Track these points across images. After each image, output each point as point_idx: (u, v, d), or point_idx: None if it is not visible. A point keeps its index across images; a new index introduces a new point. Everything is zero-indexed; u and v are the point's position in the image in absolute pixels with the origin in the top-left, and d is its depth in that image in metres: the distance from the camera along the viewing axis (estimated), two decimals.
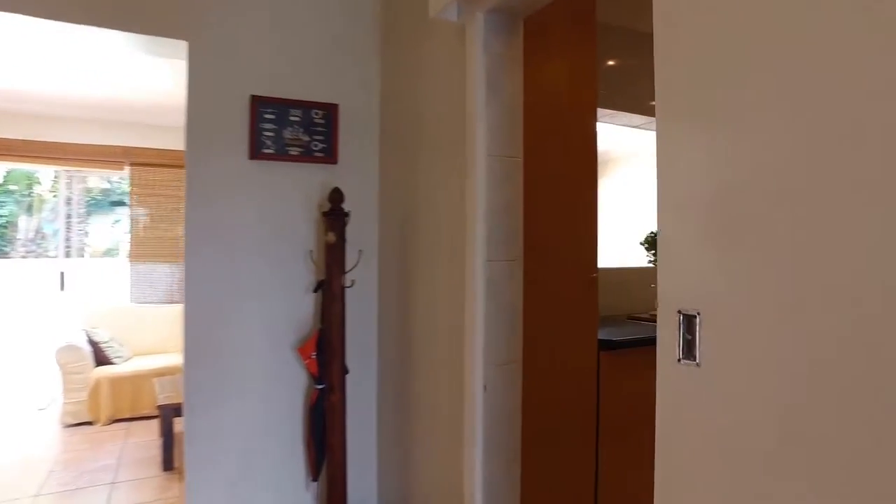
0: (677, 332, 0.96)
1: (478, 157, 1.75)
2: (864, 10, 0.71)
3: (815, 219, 0.77)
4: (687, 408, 0.95)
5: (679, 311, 0.96)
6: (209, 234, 2.26)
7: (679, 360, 0.96)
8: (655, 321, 3.01)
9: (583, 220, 2.25)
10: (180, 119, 2.32)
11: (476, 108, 1.75)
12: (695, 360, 0.93)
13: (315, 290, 2.36)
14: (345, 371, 2.32)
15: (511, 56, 1.80)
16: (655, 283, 3.16)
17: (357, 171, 2.53)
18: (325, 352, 2.30)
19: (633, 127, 3.63)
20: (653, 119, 3.25)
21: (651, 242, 3.64)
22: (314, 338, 2.33)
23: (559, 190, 2.15)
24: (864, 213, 0.71)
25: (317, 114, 2.45)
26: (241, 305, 2.30)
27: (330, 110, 2.47)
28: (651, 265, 3.63)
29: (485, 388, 1.72)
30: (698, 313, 0.93)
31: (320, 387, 2.31)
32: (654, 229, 3.56)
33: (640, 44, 3.25)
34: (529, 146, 1.87)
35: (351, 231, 2.37)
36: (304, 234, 2.43)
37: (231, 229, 2.30)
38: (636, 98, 3.22)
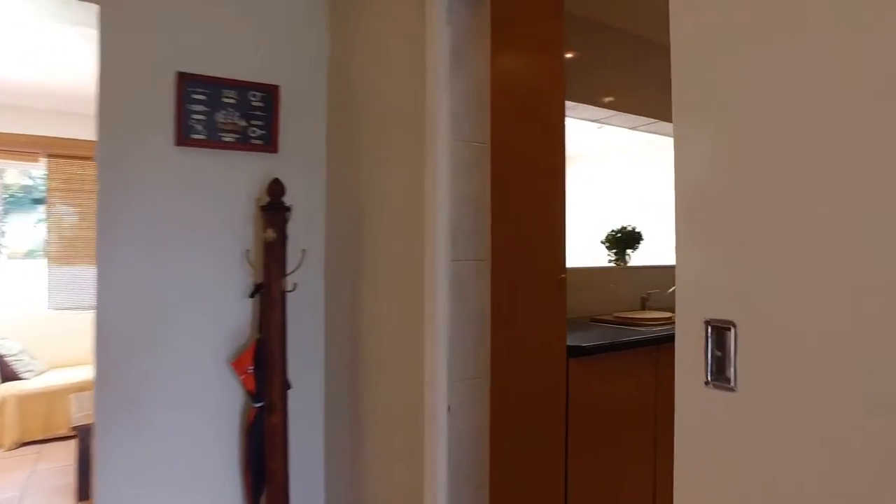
0: (703, 348, 0.76)
1: (439, 141, 1.53)
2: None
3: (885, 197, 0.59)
4: (718, 445, 0.75)
5: (706, 322, 0.76)
6: (126, 231, 1.94)
7: (707, 382, 0.76)
8: (620, 324, 2.87)
9: (550, 217, 2.07)
10: None
11: (438, 85, 1.53)
12: (728, 383, 0.74)
13: (251, 295, 2.07)
14: (286, 386, 2.04)
15: (478, 28, 1.59)
16: (616, 283, 2.99)
17: (301, 160, 2.26)
18: (263, 365, 2.02)
19: (592, 121, 3.49)
20: (612, 113, 3.09)
21: (613, 241, 3.52)
22: (251, 349, 2.05)
23: (525, 183, 1.95)
24: None
25: (254, 96, 2.17)
26: (165, 313, 1.99)
27: (270, 92, 2.19)
28: (612, 265, 3.51)
29: (449, 408, 1.50)
30: (733, 324, 0.73)
31: (258, 405, 2.03)
32: (615, 227, 3.45)
33: (594, 33, 3.14)
34: (494, 135, 1.67)
35: (293, 228, 2.10)
36: (240, 231, 2.13)
37: (153, 226, 1.98)
38: (591, 90, 3.08)
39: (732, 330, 0.73)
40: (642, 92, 3.34)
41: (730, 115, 0.76)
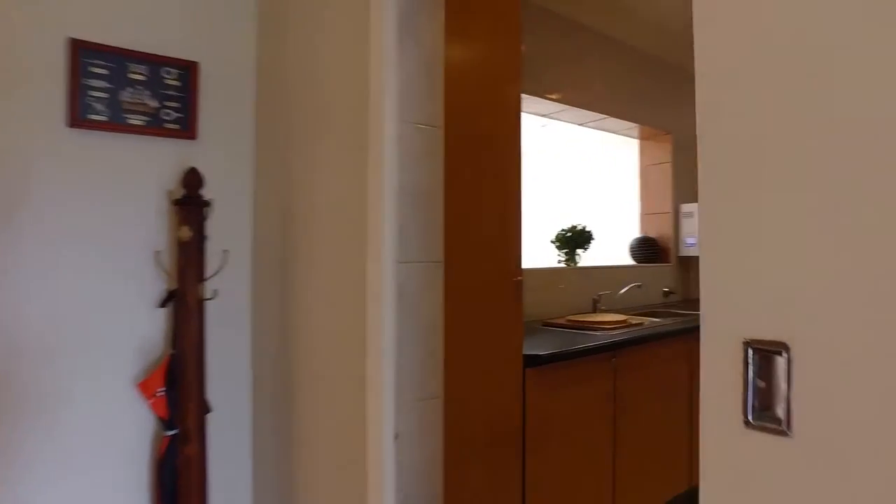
0: (742, 378, 0.58)
1: (386, 122, 1.31)
2: None
3: None
4: None
5: (746, 344, 0.58)
6: (4, 227, 1.60)
7: (748, 422, 0.58)
8: (574, 328, 2.70)
9: (506, 213, 1.88)
10: None
11: (384, 57, 1.31)
12: (779, 424, 0.55)
13: (162, 304, 1.77)
14: (205, 410, 1.76)
15: None
16: (566, 284, 2.83)
17: (224, 148, 1.98)
18: (176, 386, 1.72)
19: (541, 115, 3.35)
20: (561, 108, 2.91)
21: (563, 240, 3.40)
22: (162, 367, 1.75)
23: (479, 174, 1.76)
24: None
25: (169, 73, 1.87)
26: (55, 326, 1.66)
27: (187, 69, 1.90)
28: (562, 265, 3.39)
29: (396, 436, 1.28)
30: (786, 347, 0.55)
31: (171, 433, 1.73)
32: (564, 227, 3.31)
33: (542, 22, 2.99)
34: (446, 119, 1.46)
35: (214, 225, 1.82)
36: (150, 229, 1.82)
37: (38, 222, 1.65)
38: (539, 83, 2.93)
39: (785, 354, 0.55)
40: (592, 86, 3.23)
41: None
